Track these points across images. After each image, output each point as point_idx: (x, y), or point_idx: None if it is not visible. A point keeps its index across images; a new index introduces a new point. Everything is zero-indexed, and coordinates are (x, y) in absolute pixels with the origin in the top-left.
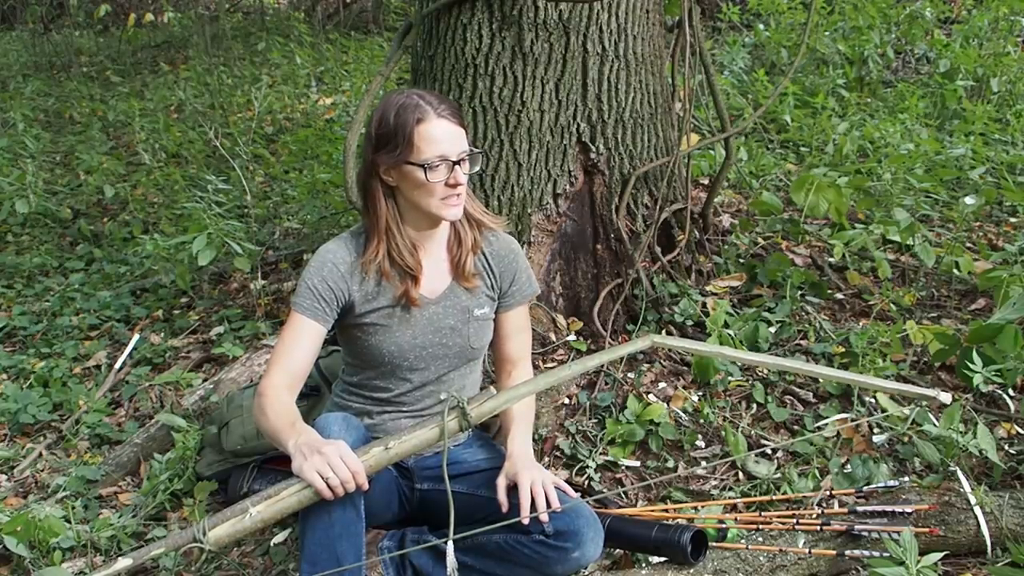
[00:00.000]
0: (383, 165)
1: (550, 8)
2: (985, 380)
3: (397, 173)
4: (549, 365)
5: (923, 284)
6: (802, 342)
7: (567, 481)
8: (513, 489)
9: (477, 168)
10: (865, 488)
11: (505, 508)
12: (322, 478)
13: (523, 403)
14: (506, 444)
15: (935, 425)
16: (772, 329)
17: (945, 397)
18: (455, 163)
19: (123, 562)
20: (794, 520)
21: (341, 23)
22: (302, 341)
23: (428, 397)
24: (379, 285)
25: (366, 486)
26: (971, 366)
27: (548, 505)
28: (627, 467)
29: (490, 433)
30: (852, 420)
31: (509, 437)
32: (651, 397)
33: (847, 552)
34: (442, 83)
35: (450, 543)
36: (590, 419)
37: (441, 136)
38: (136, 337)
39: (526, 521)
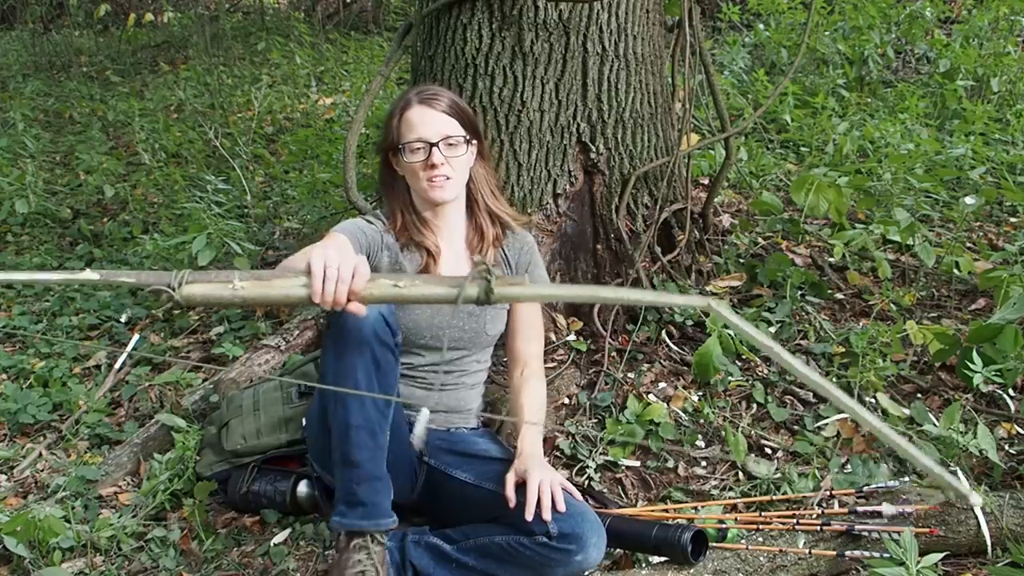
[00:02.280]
0: (388, 153)
1: (550, 8)
2: (985, 380)
3: (395, 158)
4: (549, 365)
5: (923, 284)
6: (802, 342)
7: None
8: (521, 487)
9: (462, 154)
10: (865, 488)
11: (512, 504)
12: (323, 271)
13: (535, 406)
14: (516, 443)
15: (935, 425)
16: (772, 329)
17: (976, 500)
18: (432, 145)
19: (89, 273)
20: (794, 520)
21: (341, 23)
22: (338, 245)
23: (438, 376)
24: (404, 258)
25: (360, 311)
26: (971, 366)
27: (554, 507)
28: (627, 467)
29: (493, 428)
30: (851, 420)
31: (520, 436)
32: (651, 397)
33: (847, 552)
34: (442, 83)
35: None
36: (590, 419)
37: (418, 120)
38: (136, 337)
39: (530, 518)
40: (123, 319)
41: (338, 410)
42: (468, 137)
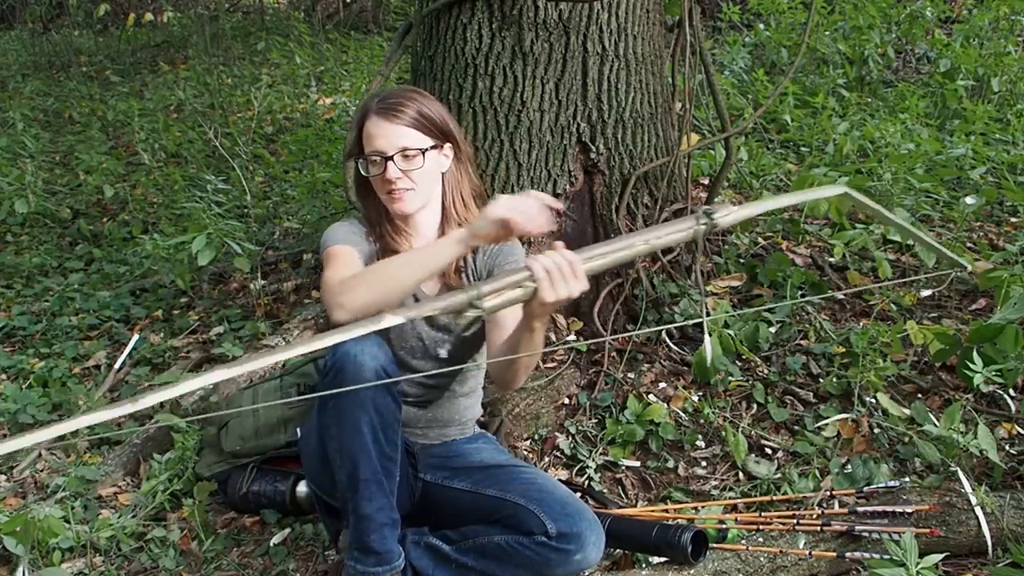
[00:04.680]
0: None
1: (550, 8)
2: (985, 380)
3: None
4: (549, 365)
5: (924, 284)
6: (802, 342)
7: (566, 482)
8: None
9: (420, 167)
10: (866, 488)
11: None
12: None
13: None
14: (515, 443)
15: (935, 425)
16: (772, 329)
17: (968, 264)
18: (387, 158)
19: (391, 318)
20: (794, 521)
21: (341, 23)
22: (351, 259)
23: (431, 392)
24: None
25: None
26: (971, 366)
27: (551, 508)
28: (627, 467)
29: (490, 431)
30: (852, 420)
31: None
32: (651, 397)
33: (847, 553)
34: (442, 83)
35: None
36: (590, 419)
37: (376, 132)
38: (136, 337)
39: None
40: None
41: (346, 464)
42: (433, 145)
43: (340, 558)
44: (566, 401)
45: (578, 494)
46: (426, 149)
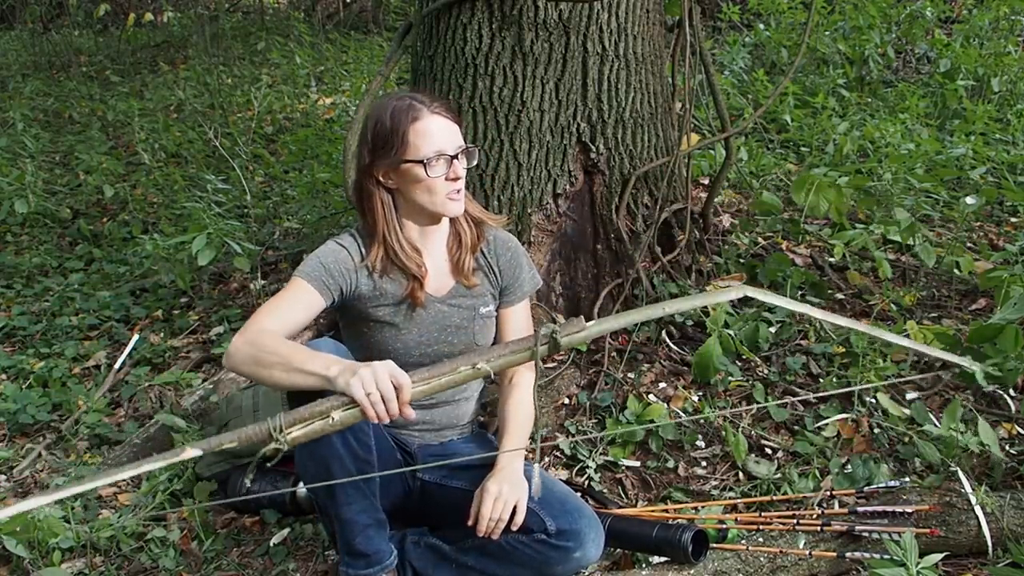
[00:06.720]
0: (381, 168)
1: (550, 8)
2: (986, 377)
3: (396, 175)
4: (549, 365)
5: (924, 284)
6: (802, 342)
7: (566, 482)
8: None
9: (475, 162)
10: (866, 488)
11: (471, 521)
12: (368, 399)
13: (521, 419)
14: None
15: (936, 425)
16: (772, 329)
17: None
18: (453, 157)
19: (191, 451)
20: (794, 521)
21: (341, 23)
22: (298, 303)
23: (435, 394)
24: (385, 282)
25: (411, 415)
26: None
27: (509, 527)
28: (627, 467)
29: (490, 431)
30: (852, 420)
31: (500, 445)
32: (651, 397)
33: (847, 553)
34: (442, 83)
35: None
36: (590, 419)
37: (436, 131)
38: (136, 337)
39: (480, 533)
40: None
41: (319, 472)
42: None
43: (340, 558)
44: (566, 401)
45: (578, 494)
46: (477, 150)
